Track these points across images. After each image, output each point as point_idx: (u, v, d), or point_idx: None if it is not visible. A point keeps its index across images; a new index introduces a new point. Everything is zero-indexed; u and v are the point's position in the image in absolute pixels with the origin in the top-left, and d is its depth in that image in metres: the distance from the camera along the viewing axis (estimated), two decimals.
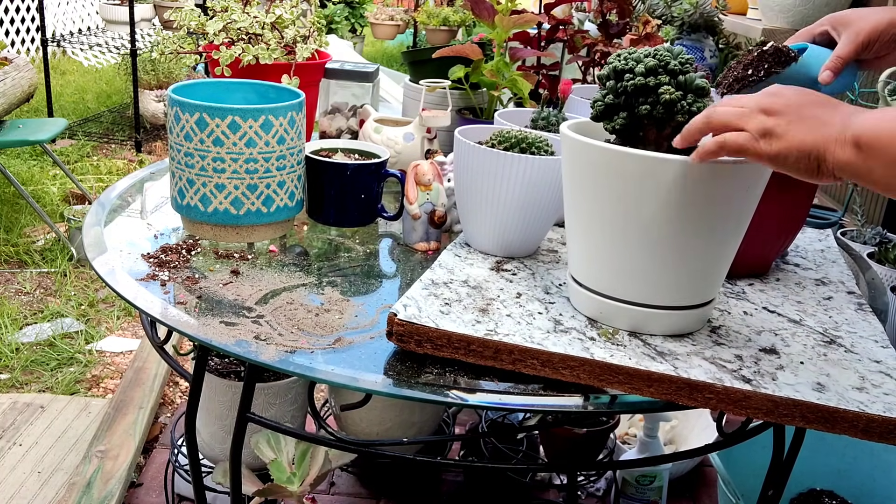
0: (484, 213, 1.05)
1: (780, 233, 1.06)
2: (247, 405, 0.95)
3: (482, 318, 0.88)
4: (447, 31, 6.21)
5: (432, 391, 0.81)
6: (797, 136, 0.75)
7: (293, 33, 1.31)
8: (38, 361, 2.34)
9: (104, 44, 4.72)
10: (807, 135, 0.74)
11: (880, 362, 0.87)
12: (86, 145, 4.27)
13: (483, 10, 1.36)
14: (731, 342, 0.88)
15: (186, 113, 1.04)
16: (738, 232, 0.86)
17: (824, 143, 0.74)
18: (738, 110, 0.77)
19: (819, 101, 0.76)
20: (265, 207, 1.08)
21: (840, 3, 2.67)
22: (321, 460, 1.27)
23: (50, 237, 3.13)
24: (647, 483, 1.68)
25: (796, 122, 0.75)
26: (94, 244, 1.09)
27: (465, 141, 1.04)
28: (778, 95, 0.77)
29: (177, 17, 1.29)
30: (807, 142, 0.74)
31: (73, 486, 1.73)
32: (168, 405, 2.16)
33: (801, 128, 0.75)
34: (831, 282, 1.09)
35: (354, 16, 7.07)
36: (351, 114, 1.44)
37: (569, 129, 0.89)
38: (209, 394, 1.36)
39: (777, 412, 0.78)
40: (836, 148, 0.73)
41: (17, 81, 3.13)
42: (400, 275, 1.09)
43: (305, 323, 0.92)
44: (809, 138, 0.74)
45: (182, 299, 0.95)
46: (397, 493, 1.83)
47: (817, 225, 1.31)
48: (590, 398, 0.82)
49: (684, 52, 0.86)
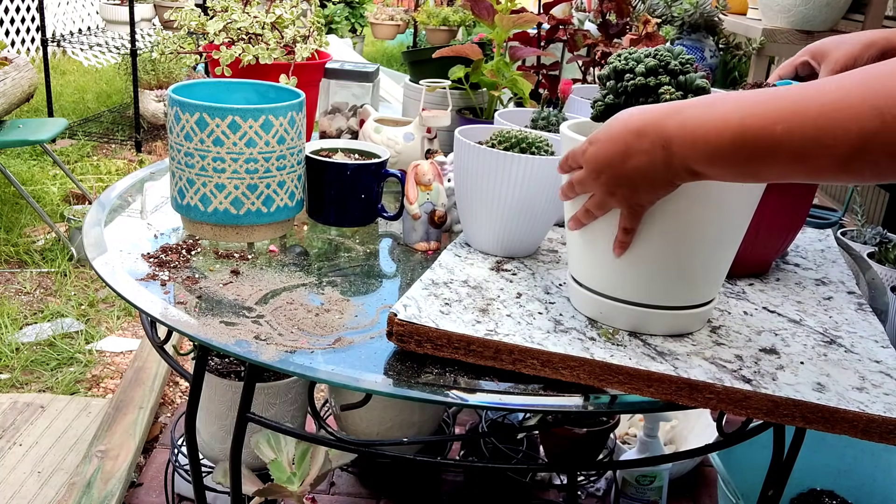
0: (484, 213, 1.05)
1: (780, 233, 1.06)
2: (247, 405, 0.95)
3: (482, 318, 0.88)
4: (447, 31, 6.21)
5: (432, 391, 0.81)
6: (644, 196, 0.78)
7: (293, 33, 1.31)
8: (38, 361, 2.34)
9: (104, 44, 4.72)
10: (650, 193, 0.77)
11: (880, 362, 0.87)
12: (86, 145, 4.27)
13: (483, 10, 1.36)
14: (731, 342, 0.88)
15: (186, 113, 1.04)
16: (738, 232, 0.86)
17: (665, 188, 0.76)
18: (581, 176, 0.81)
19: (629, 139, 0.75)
20: (265, 207, 1.08)
21: (840, 4, 2.67)
22: (321, 460, 1.27)
23: (50, 237, 3.13)
24: (647, 483, 1.68)
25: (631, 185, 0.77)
26: (94, 244, 1.09)
27: (465, 141, 1.04)
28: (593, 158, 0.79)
29: (177, 17, 1.29)
30: (655, 194, 0.77)
31: (73, 486, 1.73)
32: (168, 405, 2.16)
33: (642, 190, 0.77)
34: (831, 282, 1.09)
35: (354, 16, 7.07)
36: (351, 114, 1.44)
37: (569, 129, 0.89)
38: (209, 394, 1.36)
39: (777, 412, 0.78)
40: (676, 182, 0.74)
41: (17, 81, 3.13)
42: (400, 275, 1.09)
43: (305, 323, 0.92)
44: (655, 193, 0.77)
45: (182, 299, 0.95)
46: (397, 493, 1.83)
47: (817, 225, 1.31)
48: (590, 398, 0.82)
49: (685, 52, 0.86)
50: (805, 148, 0.63)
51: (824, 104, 0.62)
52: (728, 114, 0.68)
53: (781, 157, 0.65)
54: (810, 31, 2.71)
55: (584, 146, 0.81)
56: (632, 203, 0.79)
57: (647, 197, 0.78)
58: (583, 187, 0.83)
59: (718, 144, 0.68)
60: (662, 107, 0.74)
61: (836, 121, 0.61)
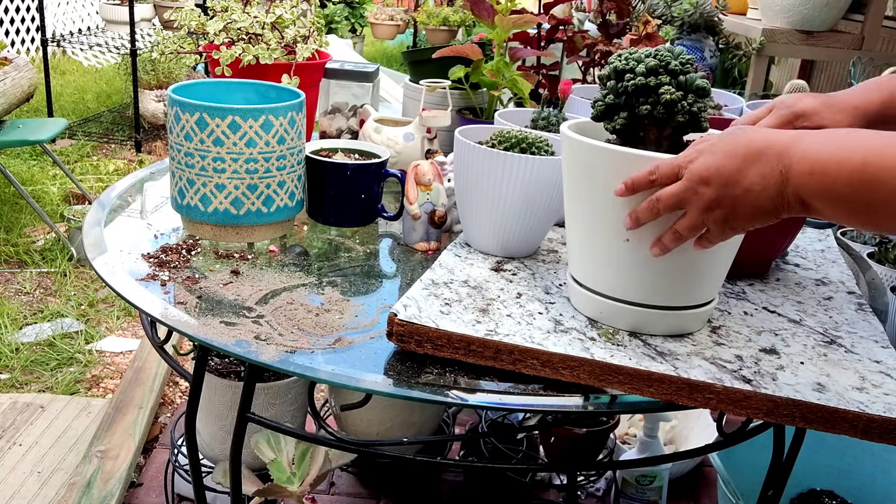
0: (484, 213, 1.05)
1: (780, 233, 1.06)
2: (247, 405, 0.95)
3: (482, 319, 0.88)
4: (447, 31, 6.21)
5: (432, 391, 0.81)
6: (741, 223, 0.74)
7: (293, 33, 1.31)
8: (38, 361, 2.34)
9: (104, 44, 4.72)
10: (749, 220, 0.74)
11: (880, 362, 0.87)
12: (86, 145, 4.27)
13: (483, 10, 1.36)
14: (732, 342, 0.88)
15: (186, 113, 1.04)
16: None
17: (767, 217, 0.73)
18: (676, 189, 0.76)
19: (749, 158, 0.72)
20: (265, 207, 1.08)
21: (840, 4, 2.67)
22: (321, 460, 1.27)
23: (50, 237, 3.13)
24: (647, 483, 1.68)
25: (734, 207, 0.73)
26: (94, 244, 1.09)
27: (465, 141, 1.04)
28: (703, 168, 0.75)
29: (177, 17, 1.29)
30: (753, 222, 0.74)
31: (73, 486, 1.73)
32: (168, 405, 2.16)
33: (743, 215, 0.73)
34: (831, 282, 1.09)
35: (354, 16, 7.07)
36: (351, 114, 1.44)
37: (569, 129, 0.89)
38: (209, 394, 1.36)
39: (777, 412, 0.78)
40: (785, 212, 0.71)
41: (17, 81, 3.13)
42: (400, 275, 1.09)
43: (305, 323, 0.92)
44: (753, 221, 0.74)
45: (182, 299, 0.95)
46: (397, 493, 1.83)
47: (817, 225, 1.31)
48: (590, 398, 0.82)
49: (685, 53, 0.86)
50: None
51: None
52: (852, 150, 0.65)
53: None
54: (810, 31, 2.72)
55: (685, 157, 0.76)
56: (726, 228, 0.75)
57: (744, 224, 0.74)
58: (676, 201, 0.76)
59: (837, 178, 0.66)
60: (787, 133, 0.71)
61: None
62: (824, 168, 0.67)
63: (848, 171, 0.65)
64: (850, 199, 0.66)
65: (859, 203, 0.66)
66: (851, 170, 0.65)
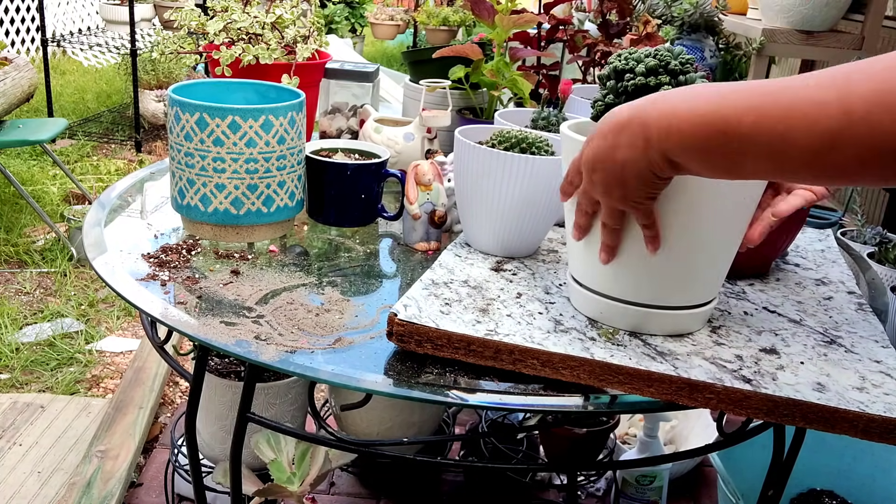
0: (484, 213, 1.05)
1: (780, 233, 1.06)
2: (247, 405, 0.95)
3: (482, 318, 0.88)
4: (447, 31, 6.21)
5: (432, 391, 0.81)
6: (636, 195, 0.75)
7: (293, 33, 1.31)
8: (38, 361, 2.34)
9: (104, 44, 4.72)
10: (640, 190, 0.74)
11: (880, 362, 0.87)
12: (86, 145, 4.27)
13: (483, 10, 1.36)
14: (731, 342, 0.88)
15: (186, 113, 1.04)
16: (737, 232, 0.86)
17: (652, 183, 0.72)
18: (584, 185, 0.79)
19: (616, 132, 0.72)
20: (265, 207, 1.08)
21: (840, 4, 2.67)
22: (321, 460, 1.27)
23: (50, 237, 3.13)
24: (647, 483, 1.68)
25: (623, 182, 0.74)
26: (94, 244, 1.09)
27: (465, 141, 1.04)
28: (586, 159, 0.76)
29: (177, 17, 1.29)
30: (645, 190, 0.74)
31: (73, 486, 1.73)
32: (168, 405, 2.16)
33: (632, 188, 0.74)
34: (831, 282, 1.09)
35: (354, 16, 7.07)
36: (351, 114, 1.44)
37: (569, 129, 0.89)
38: (209, 394, 1.36)
39: (777, 412, 0.78)
40: (659, 174, 0.71)
41: (17, 81, 3.13)
42: (400, 275, 1.09)
43: (305, 323, 0.92)
44: (644, 190, 0.74)
45: (182, 299, 0.95)
46: (397, 493, 1.83)
47: (817, 225, 1.31)
48: (590, 398, 0.82)
49: (685, 53, 0.86)
50: (773, 142, 0.60)
51: (796, 98, 0.59)
52: (704, 103, 0.64)
53: (751, 150, 0.62)
54: (810, 31, 2.71)
55: (579, 154, 0.78)
56: (631, 201, 0.76)
57: (640, 192, 0.74)
58: (587, 197, 0.79)
59: (692, 133, 0.65)
60: (648, 97, 0.70)
61: (804, 116, 0.58)
62: (679, 125, 0.66)
63: (699, 123, 0.64)
64: (709, 151, 0.65)
65: (718, 155, 0.64)
66: (701, 122, 0.64)
